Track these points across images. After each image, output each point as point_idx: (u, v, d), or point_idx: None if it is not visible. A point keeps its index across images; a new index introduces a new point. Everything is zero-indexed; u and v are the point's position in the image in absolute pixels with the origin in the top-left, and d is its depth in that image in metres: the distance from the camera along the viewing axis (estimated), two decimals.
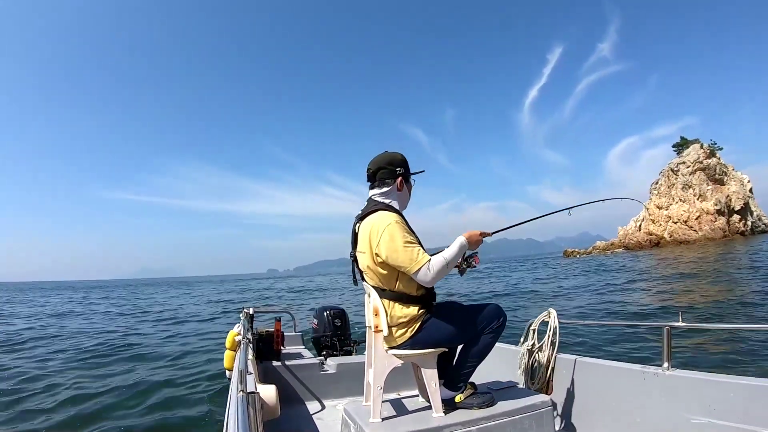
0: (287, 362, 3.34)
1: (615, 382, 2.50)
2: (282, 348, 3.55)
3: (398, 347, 2.06)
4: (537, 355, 2.88)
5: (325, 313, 3.86)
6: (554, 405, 2.21)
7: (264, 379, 3.08)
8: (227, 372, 3.24)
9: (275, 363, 3.31)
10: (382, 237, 1.96)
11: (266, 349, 3.41)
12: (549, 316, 2.92)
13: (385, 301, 2.05)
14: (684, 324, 2.33)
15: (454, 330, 2.08)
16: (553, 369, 2.78)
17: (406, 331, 2.05)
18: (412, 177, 2.27)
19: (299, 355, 3.67)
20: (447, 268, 1.97)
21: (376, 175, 2.18)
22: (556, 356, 2.80)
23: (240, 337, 3.05)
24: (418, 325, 2.05)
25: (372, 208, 2.13)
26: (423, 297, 2.09)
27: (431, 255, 2.00)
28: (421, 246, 2.02)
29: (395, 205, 2.16)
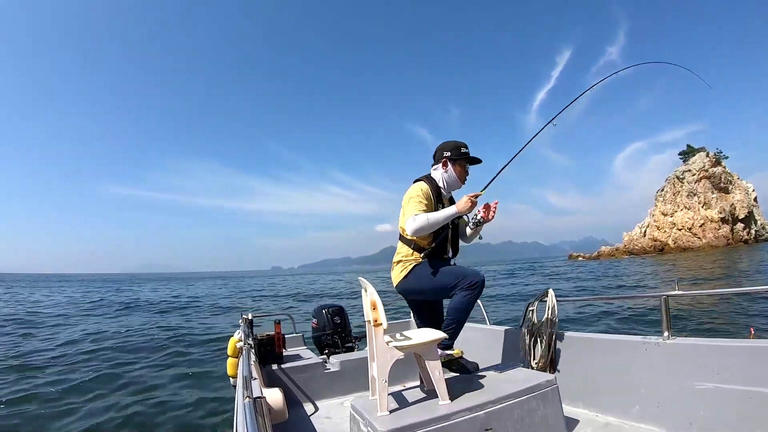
0: (290, 364, 3.33)
1: (617, 355, 2.53)
2: (284, 350, 3.54)
3: (397, 286, 2.58)
4: (538, 334, 2.90)
5: (324, 312, 3.85)
6: (558, 383, 2.23)
7: (268, 383, 3.06)
8: (231, 379, 3.23)
9: (278, 366, 3.30)
10: (407, 193, 2.53)
11: (268, 352, 3.40)
12: (547, 296, 2.94)
13: (399, 243, 2.61)
14: (681, 292, 2.37)
15: (435, 280, 2.44)
16: (555, 347, 2.80)
17: (401, 271, 2.52)
18: (466, 164, 2.64)
19: (301, 356, 3.66)
20: (428, 223, 2.37)
21: (434, 156, 2.68)
22: (556, 334, 2.82)
23: (241, 344, 3.03)
24: (410, 268, 2.50)
25: (418, 177, 2.67)
26: (419, 244, 2.52)
27: None
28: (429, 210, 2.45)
29: (437, 178, 2.61)
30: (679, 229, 66.87)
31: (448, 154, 2.58)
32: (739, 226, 66.06)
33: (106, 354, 7.68)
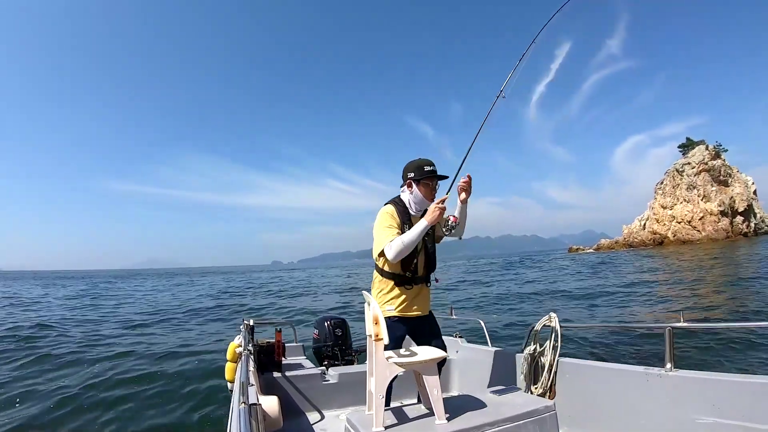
0: (289, 373, 3.33)
1: (619, 384, 2.49)
2: (283, 359, 3.53)
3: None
4: (539, 359, 2.88)
5: (326, 323, 3.85)
6: (557, 409, 2.20)
7: (266, 390, 3.06)
8: (229, 384, 3.23)
9: (277, 374, 3.30)
10: (375, 220, 2.50)
11: (267, 360, 3.39)
12: (551, 320, 2.92)
13: (375, 274, 2.55)
14: (686, 324, 2.35)
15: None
16: (555, 373, 2.77)
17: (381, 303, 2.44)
18: (432, 182, 2.56)
19: (300, 366, 3.65)
20: (403, 245, 2.31)
21: (402, 177, 2.65)
22: (558, 360, 2.79)
23: (241, 349, 3.05)
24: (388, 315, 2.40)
25: (388, 201, 2.64)
26: (396, 274, 2.47)
27: None
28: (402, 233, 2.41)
29: (405, 199, 2.57)
30: (679, 222, 66.44)
31: (412, 175, 2.54)
32: (739, 219, 65.33)
33: (100, 351, 7.67)
